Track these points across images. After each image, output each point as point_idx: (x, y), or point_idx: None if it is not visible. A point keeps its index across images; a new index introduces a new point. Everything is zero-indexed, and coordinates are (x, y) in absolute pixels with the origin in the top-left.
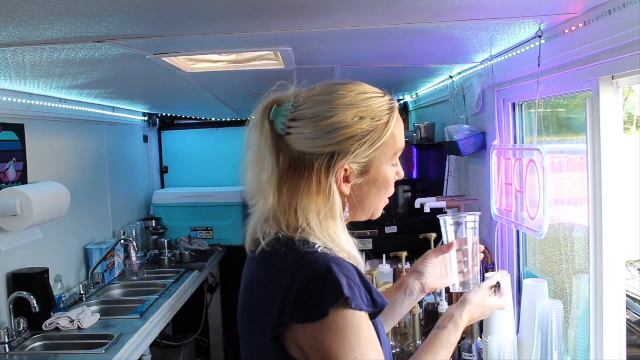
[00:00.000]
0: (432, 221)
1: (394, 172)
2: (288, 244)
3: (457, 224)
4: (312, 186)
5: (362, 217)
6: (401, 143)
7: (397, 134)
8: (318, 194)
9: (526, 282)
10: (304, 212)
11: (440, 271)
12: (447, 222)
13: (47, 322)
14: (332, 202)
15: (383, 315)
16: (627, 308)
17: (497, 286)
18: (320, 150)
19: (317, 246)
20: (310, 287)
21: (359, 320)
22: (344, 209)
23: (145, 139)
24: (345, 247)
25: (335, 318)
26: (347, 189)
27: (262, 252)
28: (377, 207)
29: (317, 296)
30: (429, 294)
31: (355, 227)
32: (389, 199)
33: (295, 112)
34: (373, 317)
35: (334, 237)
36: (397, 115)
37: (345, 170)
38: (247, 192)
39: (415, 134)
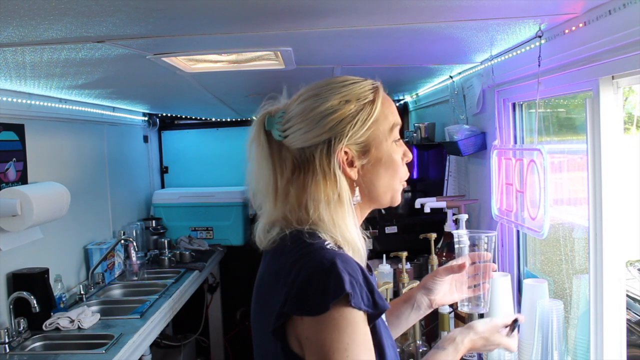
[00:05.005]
0: (432, 221)
1: (399, 151)
2: (296, 239)
3: (473, 245)
4: (318, 177)
5: (381, 203)
6: (395, 118)
7: (387, 111)
8: (325, 184)
9: (526, 282)
10: (314, 204)
11: (449, 287)
12: (460, 240)
13: (47, 322)
14: (340, 188)
15: (388, 324)
16: (627, 308)
17: (514, 326)
18: (316, 141)
19: (325, 242)
20: (312, 281)
21: (357, 320)
22: (352, 193)
23: (145, 139)
24: (349, 237)
25: (333, 314)
26: (353, 173)
27: (272, 249)
28: (393, 189)
29: (319, 290)
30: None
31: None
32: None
33: (286, 116)
34: (372, 318)
35: (341, 225)
36: (382, 93)
37: (346, 154)
38: (253, 202)
39: (415, 134)
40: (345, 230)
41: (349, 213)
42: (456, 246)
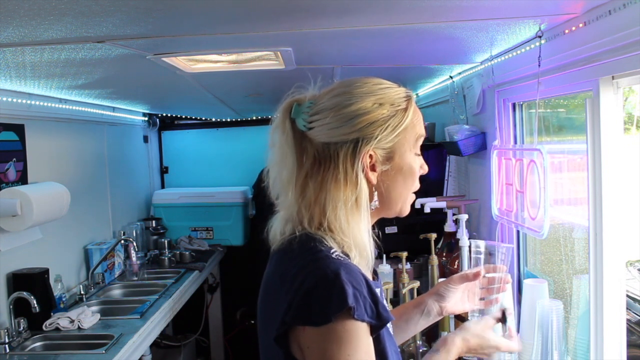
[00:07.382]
0: (432, 221)
1: (417, 162)
2: (304, 244)
3: (489, 254)
4: (339, 176)
5: (391, 212)
6: (421, 129)
7: (415, 121)
8: (345, 184)
9: (526, 282)
10: (332, 203)
11: (461, 295)
12: (478, 250)
13: (47, 322)
14: (359, 191)
15: (397, 328)
16: (627, 308)
17: (504, 318)
18: (344, 138)
19: (332, 250)
20: (316, 292)
21: (359, 332)
22: (371, 199)
23: (145, 139)
24: (360, 241)
25: (336, 326)
26: (374, 177)
27: (280, 251)
28: (404, 200)
29: (321, 302)
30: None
31: None
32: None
33: (314, 107)
34: (376, 329)
35: (354, 229)
36: (414, 103)
37: (371, 157)
38: (272, 191)
39: None
40: (358, 234)
41: (364, 217)
42: (473, 256)
